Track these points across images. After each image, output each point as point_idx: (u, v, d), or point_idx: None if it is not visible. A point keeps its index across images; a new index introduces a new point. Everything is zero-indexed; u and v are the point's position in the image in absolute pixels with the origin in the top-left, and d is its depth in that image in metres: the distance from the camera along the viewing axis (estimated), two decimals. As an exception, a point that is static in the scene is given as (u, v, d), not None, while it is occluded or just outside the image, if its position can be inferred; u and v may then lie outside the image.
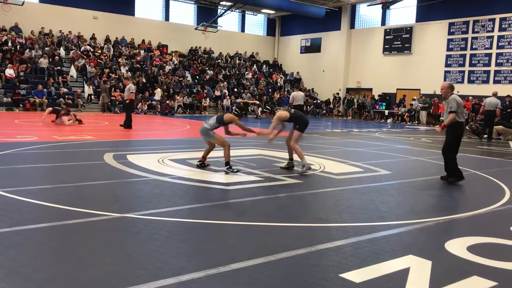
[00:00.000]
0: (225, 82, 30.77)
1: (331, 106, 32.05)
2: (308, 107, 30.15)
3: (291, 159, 8.40)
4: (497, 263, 3.92)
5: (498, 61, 24.86)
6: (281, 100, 30.27)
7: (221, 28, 32.55)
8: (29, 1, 25.85)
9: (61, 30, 27.71)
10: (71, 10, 27.75)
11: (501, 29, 24.69)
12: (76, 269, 3.45)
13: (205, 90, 28.72)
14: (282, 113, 8.04)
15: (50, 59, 25.38)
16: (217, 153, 8.57)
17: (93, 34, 28.66)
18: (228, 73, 32.29)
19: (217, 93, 29.33)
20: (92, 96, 24.94)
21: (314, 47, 34.66)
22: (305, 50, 35.37)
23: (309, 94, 32.23)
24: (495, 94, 17.37)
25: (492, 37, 25.05)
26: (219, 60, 33.47)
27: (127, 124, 15.39)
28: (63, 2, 27.33)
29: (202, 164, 8.09)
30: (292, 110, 8.34)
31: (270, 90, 32.22)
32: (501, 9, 24.56)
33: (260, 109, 27.80)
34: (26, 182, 6.41)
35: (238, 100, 27.54)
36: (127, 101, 15.58)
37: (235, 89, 30.75)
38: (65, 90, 24.03)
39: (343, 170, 8.58)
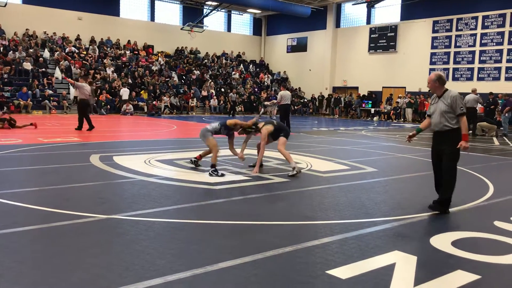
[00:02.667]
0: (212, 82, 30.71)
1: (317, 105, 32.18)
2: (296, 106, 30.22)
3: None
4: (481, 257, 3.99)
5: (481, 58, 25.18)
6: (268, 99, 30.27)
7: (207, 28, 32.46)
8: (12, 2, 25.50)
9: (45, 32, 27.41)
10: (56, 11, 27.45)
11: (484, 27, 25.02)
12: (62, 271, 3.43)
13: (192, 91, 28.64)
14: (268, 127, 8.00)
15: (34, 60, 25.08)
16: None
17: (78, 35, 28.40)
18: (215, 73, 32.24)
19: (204, 93, 29.27)
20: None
21: (300, 46, 34.76)
22: (292, 49, 35.46)
23: (296, 93, 32.30)
24: (474, 91, 17.48)
25: (475, 34, 25.37)
26: (206, 60, 33.39)
27: (80, 126, 14.84)
28: (47, 3, 27.04)
29: (196, 161, 8.14)
30: (275, 122, 8.31)
31: (257, 89, 32.22)
32: (484, 7, 24.90)
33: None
34: (11, 185, 6.34)
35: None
36: (81, 101, 14.96)
37: (222, 89, 30.72)
38: (50, 92, 23.79)
39: (330, 168, 8.63)
